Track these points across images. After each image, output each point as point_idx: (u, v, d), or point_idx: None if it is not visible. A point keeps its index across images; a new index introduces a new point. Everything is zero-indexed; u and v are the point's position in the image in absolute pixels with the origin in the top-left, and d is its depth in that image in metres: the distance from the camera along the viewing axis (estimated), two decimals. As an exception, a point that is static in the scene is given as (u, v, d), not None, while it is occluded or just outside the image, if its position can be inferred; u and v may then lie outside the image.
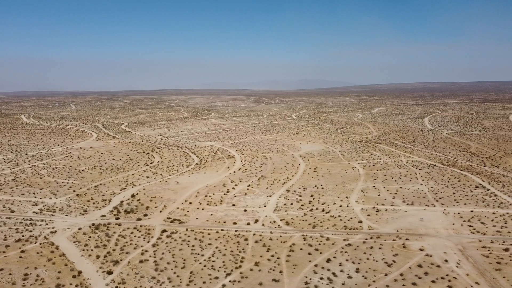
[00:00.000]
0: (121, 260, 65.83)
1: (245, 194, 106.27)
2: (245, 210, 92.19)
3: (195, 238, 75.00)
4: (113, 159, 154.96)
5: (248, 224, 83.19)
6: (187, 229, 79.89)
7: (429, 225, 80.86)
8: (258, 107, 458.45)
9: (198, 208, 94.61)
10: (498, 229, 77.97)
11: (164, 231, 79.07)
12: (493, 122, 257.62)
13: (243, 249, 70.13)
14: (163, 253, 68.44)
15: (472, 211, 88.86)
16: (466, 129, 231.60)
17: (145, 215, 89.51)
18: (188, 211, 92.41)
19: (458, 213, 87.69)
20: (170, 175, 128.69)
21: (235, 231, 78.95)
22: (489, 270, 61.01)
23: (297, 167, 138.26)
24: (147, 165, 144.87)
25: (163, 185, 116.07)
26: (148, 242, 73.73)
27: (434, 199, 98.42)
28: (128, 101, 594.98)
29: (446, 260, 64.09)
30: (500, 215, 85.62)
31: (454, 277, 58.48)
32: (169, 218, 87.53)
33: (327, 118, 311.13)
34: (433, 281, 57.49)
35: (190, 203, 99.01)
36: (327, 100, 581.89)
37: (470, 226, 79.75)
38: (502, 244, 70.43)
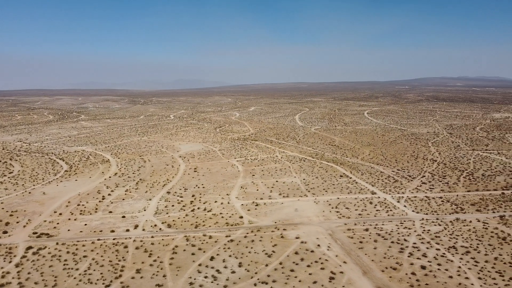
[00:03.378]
0: (-25, 287, 56.91)
1: (123, 199, 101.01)
2: (123, 217, 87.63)
3: (68, 252, 68.74)
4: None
5: (128, 230, 79.34)
6: (57, 243, 72.69)
7: (303, 214, 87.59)
8: (134, 108, 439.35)
9: (69, 219, 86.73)
10: (360, 212, 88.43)
11: (29, 248, 70.68)
12: (352, 118, 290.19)
13: (123, 257, 66.68)
14: (29, 273, 61.20)
15: (338, 198, 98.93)
16: (331, 124, 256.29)
17: (5, 232, 78.79)
18: (58, 223, 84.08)
19: (327, 201, 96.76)
20: (34, 185, 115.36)
21: (114, 239, 74.59)
22: (353, 249, 68.75)
23: (177, 168, 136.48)
24: (5, 175, 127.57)
25: (26, 197, 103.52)
26: (10, 262, 65.16)
27: (307, 189, 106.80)
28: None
29: (318, 245, 70.30)
30: (361, 200, 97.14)
31: (326, 259, 64.57)
32: (35, 233, 78.48)
33: (206, 118, 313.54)
34: (308, 266, 62.52)
35: (60, 214, 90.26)
36: (205, 100, 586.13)
37: (337, 212, 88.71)
38: (363, 225, 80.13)
